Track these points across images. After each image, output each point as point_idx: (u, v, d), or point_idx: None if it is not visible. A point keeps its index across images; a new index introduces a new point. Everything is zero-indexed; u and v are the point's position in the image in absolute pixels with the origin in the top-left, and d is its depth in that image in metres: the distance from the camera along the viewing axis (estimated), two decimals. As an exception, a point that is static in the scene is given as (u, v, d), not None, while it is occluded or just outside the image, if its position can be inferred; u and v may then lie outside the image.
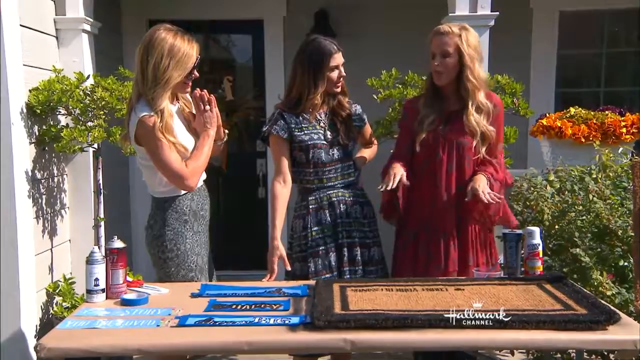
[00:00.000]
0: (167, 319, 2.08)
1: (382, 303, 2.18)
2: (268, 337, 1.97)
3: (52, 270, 3.65)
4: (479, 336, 1.95)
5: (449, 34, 2.62)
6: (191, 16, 5.15)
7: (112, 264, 2.32)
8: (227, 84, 5.35)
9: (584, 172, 3.24)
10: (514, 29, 4.97)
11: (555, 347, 2.39)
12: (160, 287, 2.48)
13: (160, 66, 2.40)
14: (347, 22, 5.11)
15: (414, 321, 1.97)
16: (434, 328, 1.96)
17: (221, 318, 2.07)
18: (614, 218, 2.89)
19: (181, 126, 2.57)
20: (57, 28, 3.78)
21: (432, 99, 2.74)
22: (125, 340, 1.96)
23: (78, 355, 2.01)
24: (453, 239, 2.71)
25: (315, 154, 2.78)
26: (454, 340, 2.00)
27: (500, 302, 2.18)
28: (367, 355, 3.03)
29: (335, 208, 2.80)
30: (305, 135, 2.78)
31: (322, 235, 2.79)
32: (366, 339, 1.96)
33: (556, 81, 5.27)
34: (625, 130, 3.70)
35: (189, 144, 2.54)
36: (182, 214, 2.56)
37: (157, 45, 2.41)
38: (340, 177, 2.84)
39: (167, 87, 2.43)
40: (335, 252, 2.79)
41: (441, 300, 2.24)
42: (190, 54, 2.46)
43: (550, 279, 2.45)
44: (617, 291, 2.70)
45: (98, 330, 2.02)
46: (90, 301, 2.30)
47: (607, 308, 2.04)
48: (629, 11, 5.24)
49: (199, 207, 2.63)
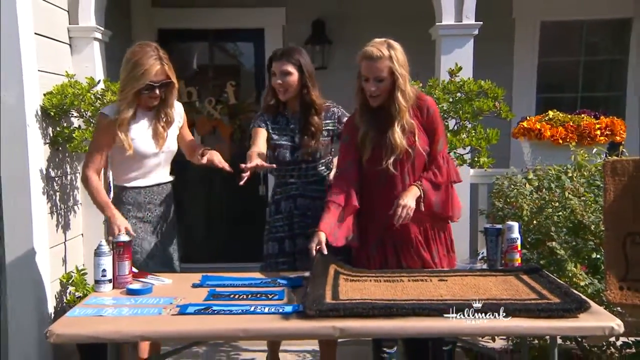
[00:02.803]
0: (168, 308, 2.09)
1: (370, 293, 2.18)
2: (262, 325, 1.97)
3: (65, 262, 3.64)
4: (462, 324, 1.95)
5: (381, 58, 2.45)
6: (197, 25, 5.15)
7: (119, 256, 2.32)
8: (231, 88, 5.35)
9: (560, 171, 3.24)
10: (498, 38, 4.96)
11: (532, 333, 2.40)
12: (164, 278, 2.48)
13: (123, 76, 2.59)
14: (342, 31, 5.10)
15: (398, 310, 1.97)
16: (417, 316, 1.96)
17: (219, 307, 2.07)
18: (588, 214, 2.89)
19: (145, 131, 2.69)
20: (70, 36, 3.77)
21: (367, 115, 2.61)
22: (129, 327, 1.96)
23: (85, 341, 2.01)
24: (420, 243, 2.65)
25: (280, 153, 2.83)
26: (437, 327, 2.00)
27: (480, 292, 2.19)
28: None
29: (295, 201, 2.87)
30: (275, 134, 2.84)
31: (282, 223, 2.88)
32: (354, 327, 1.96)
33: (537, 86, 5.28)
34: (599, 133, 3.70)
35: (144, 146, 2.68)
36: (126, 203, 2.71)
37: (127, 58, 2.58)
38: (304, 177, 2.88)
39: (124, 95, 2.58)
40: (289, 240, 2.87)
41: (425, 290, 2.24)
42: (148, 72, 2.53)
43: (528, 270, 2.45)
44: (590, 282, 2.69)
45: (104, 318, 2.03)
46: (98, 291, 2.31)
47: (578, 297, 2.04)
48: (606, 22, 5.26)
49: (146, 200, 2.76)
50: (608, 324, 1.91)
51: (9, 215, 3.13)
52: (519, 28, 5.20)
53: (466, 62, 3.74)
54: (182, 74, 5.50)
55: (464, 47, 3.86)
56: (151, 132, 2.70)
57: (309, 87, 2.79)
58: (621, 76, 5.28)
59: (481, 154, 3.49)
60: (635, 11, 5.11)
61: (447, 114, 3.48)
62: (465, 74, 3.61)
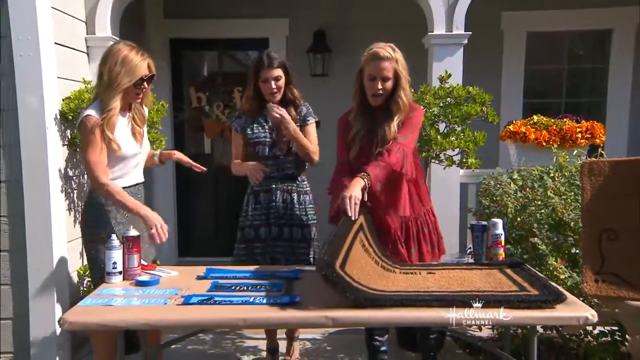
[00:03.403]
0: (174, 298, 2.08)
1: (365, 273, 2.16)
2: (261, 315, 1.97)
3: (82, 255, 3.63)
4: (448, 314, 1.94)
5: (389, 59, 2.48)
6: (207, 35, 5.15)
7: (128, 249, 2.32)
8: (238, 94, 5.34)
9: (543, 171, 3.22)
10: (488, 47, 4.95)
11: (513, 323, 2.37)
12: (171, 270, 2.47)
13: (114, 72, 2.42)
14: (342, 40, 5.09)
15: (387, 301, 1.97)
16: (405, 307, 1.95)
17: (221, 297, 2.07)
18: (568, 212, 2.87)
19: (125, 131, 2.57)
20: (87, 45, 3.79)
21: (362, 114, 2.61)
22: (136, 316, 1.96)
23: (94, 329, 2.02)
24: (399, 238, 2.62)
25: (259, 149, 2.90)
26: (425, 317, 1.99)
27: (465, 284, 2.18)
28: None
29: (273, 194, 2.94)
30: (254, 133, 2.92)
31: (259, 212, 2.94)
32: (345, 316, 1.95)
33: (524, 93, 5.26)
34: (580, 136, 3.68)
35: (127, 146, 2.55)
36: (105, 204, 2.55)
37: (114, 55, 2.45)
38: (282, 170, 2.94)
39: (118, 90, 2.44)
40: (265, 228, 2.93)
41: (414, 282, 2.24)
42: (140, 66, 2.46)
43: (511, 264, 2.44)
44: (569, 275, 2.68)
45: (113, 307, 2.03)
46: (109, 282, 2.30)
47: (555, 289, 2.04)
48: (588, 32, 5.24)
49: None
50: (583, 314, 1.90)
51: (30, 211, 3.14)
52: (507, 38, 5.19)
53: (456, 69, 3.76)
54: (192, 80, 5.54)
55: (454, 55, 3.86)
56: (130, 132, 2.60)
57: (292, 83, 2.92)
58: (602, 83, 5.26)
59: (469, 155, 3.49)
60: (615, 23, 5.10)
61: (437, 117, 3.48)
62: (455, 80, 3.62)
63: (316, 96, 4.92)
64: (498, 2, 4.91)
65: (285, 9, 5.11)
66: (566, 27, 5.17)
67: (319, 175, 3.00)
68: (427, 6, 3.93)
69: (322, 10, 5.07)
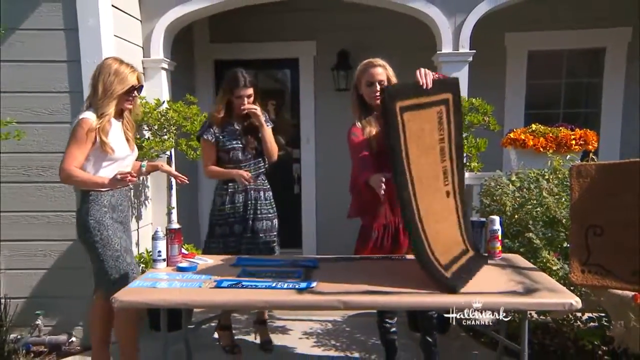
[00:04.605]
0: (207, 282, 2.11)
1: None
2: (281, 298, 1.98)
3: (138, 245, 3.72)
4: (447, 299, 1.93)
5: (382, 66, 2.57)
6: (246, 57, 5.18)
7: (171, 240, 2.36)
8: (271, 106, 5.38)
9: (538, 174, 3.14)
10: (493, 64, 4.87)
11: (508, 308, 2.32)
12: (207, 258, 2.50)
13: (107, 81, 2.43)
14: (363, 59, 4.98)
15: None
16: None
17: (248, 282, 2.09)
18: (560, 210, 2.80)
19: (119, 136, 2.54)
20: (144, 66, 3.86)
21: (367, 116, 2.59)
22: (175, 297, 2.00)
23: (140, 307, 2.07)
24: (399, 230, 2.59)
25: (234, 154, 2.91)
26: (427, 302, 1.98)
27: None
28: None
29: (248, 193, 2.95)
30: (227, 140, 2.91)
31: (234, 210, 2.93)
32: (355, 300, 1.95)
33: (525, 104, 5.14)
34: (574, 142, 3.57)
35: (120, 150, 2.52)
36: (102, 206, 2.46)
37: (107, 68, 2.46)
38: (254, 170, 2.96)
39: (113, 97, 2.44)
40: (239, 224, 2.93)
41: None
42: (130, 76, 2.48)
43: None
44: (561, 266, 2.60)
45: (157, 289, 2.07)
46: (154, 267, 2.35)
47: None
48: (584, 50, 5.12)
49: (118, 202, 2.55)
50: (568, 301, 1.87)
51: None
52: (510, 56, 5.08)
53: (462, 83, 3.69)
54: (233, 96, 5.58)
55: (460, 71, 3.80)
56: (123, 136, 2.57)
57: (257, 98, 2.95)
58: (597, 96, 5.11)
59: (472, 160, 3.43)
60: (608, 42, 4.96)
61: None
62: (461, 93, 3.56)
63: (340, 107, 4.96)
64: (501, 24, 4.82)
65: (313, 33, 5.12)
66: (564, 46, 5.04)
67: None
68: (435, 28, 3.90)
69: (345, 34, 5.06)
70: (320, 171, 5.23)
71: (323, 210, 5.22)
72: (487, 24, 3.90)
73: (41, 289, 3.32)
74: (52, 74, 3.21)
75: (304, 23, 5.06)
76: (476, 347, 3.20)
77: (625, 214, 2.06)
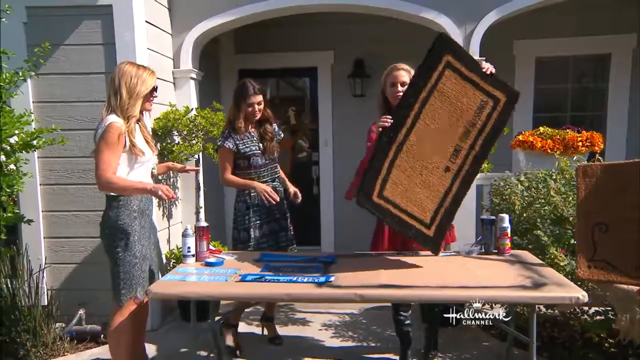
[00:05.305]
0: (233, 276, 2.14)
1: (413, 199, 2.13)
2: (301, 291, 2.00)
3: (169, 242, 3.77)
4: (457, 293, 1.92)
5: (406, 70, 2.61)
6: (268, 66, 5.22)
7: (199, 237, 2.39)
8: (292, 112, 5.40)
9: (546, 174, 3.09)
10: (502, 70, 4.74)
11: (517, 302, 2.32)
12: (233, 255, 2.53)
13: (131, 84, 2.29)
14: (378, 67, 5.01)
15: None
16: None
17: (270, 277, 2.11)
18: (567, 208, 2.75)
19: (141, 138, 2.40)
20: (174, 77, 3.91)
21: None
22: (203, 289, 2.03)
23: (172, 299, 2.11)
24: None
25: (254, 160, 2.89)
26: (438, 295, 1.97)
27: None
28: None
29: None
30: (246, 147, 2.88)
31: (260, 213, 2.90)
32: (372, 294, 1.95)
33: (534, 108, 5.07)
34: (581, 144, 3.50)
35: (147, 152, 2.39)
36: (132, 211, 2.31)
37: (126, 72, 2.31)
38: (271, 175, 2.96)
39: (139, 98, 2.32)
40: (268, 225, 2.92)
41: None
42: (152, 76, 2.38)
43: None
44: (568, 262, 2.56)
45: (187, 283, 2.10)
46: (184, 262, 2.38)
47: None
48: (589, 56, 5.04)
49: (146, 206, 2.40)
50: (575, 295, 1.84)
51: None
52: (519, 63, 5.01)
53: (472, 89, 3.65)
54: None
55: (470, 77, 3.76)
56: (143, 139, 2.42)
57: (267, 105, 2.94)
58: (603, 99, 5.01)
59: (482, 161, 3.39)
60: (613, 48, 4.86)
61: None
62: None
63: (356, 112, 4.96)
64: (510, 32, 4.76)
65: (331, 43, 5.13)
66: (570, 52, 4.95)
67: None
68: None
69: (361, 44, 5.05)
70: (338, 172, 5.24)
71: (340, 209, 5.22)
72: (496, 33, 3.86)
73: (82, 282, 3.39)
74: (92, 85, 3.30)
75: (322, 34, 5.08)
76: (486, 338, 3.16)
77: (629, 212, 2.03)
